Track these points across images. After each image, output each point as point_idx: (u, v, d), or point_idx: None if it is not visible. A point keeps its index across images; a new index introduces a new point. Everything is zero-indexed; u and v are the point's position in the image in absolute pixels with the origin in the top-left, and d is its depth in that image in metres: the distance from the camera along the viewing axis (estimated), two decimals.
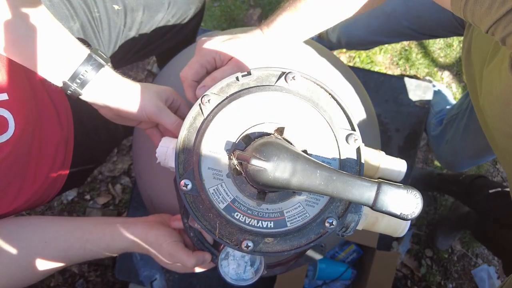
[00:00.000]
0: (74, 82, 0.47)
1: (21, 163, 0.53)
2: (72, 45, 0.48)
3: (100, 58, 0.49)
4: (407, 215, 0.29)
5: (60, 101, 0.61)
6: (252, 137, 0.37)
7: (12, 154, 0.50)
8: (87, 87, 0.48)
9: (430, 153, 1.49)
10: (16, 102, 0.50)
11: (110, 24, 0.70)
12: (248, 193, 0.36)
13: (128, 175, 1.43)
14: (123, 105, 0.51)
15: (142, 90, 0.51)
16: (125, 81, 0.51)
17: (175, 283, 1.09)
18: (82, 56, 0.47)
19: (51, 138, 0.59)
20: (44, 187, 0.59)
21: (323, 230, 0.37)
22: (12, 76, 0.50)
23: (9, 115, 0.49)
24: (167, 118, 0.51)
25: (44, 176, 0.58)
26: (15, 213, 0.55)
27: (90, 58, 0.48)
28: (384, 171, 0.52)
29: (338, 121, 0.38)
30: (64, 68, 0.47)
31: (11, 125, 0.49)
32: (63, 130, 0.61)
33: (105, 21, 0.69)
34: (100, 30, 0.69)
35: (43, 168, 0.58)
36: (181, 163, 0.38)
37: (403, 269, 1.42)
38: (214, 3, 1.55)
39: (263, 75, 0.39)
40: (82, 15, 0.65)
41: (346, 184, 0.30)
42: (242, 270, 0.45)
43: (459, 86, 1.53)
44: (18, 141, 0.51)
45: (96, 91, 0.49)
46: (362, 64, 1.52)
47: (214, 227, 0.37)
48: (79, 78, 0.47)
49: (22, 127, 0.51)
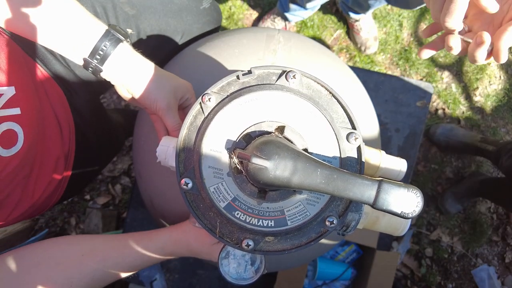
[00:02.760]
0: (94, 58, 0.48)
1: (23, 175, 0.53)
2: (90, 21, 0.48)
3: (118, 33, 0.49)
4: (408, 213, 0.29)
5: (64, 116, 0.62)
6: (252, 135, 0.37)
7: (17, 167, 0.50)
8: (107, 63, 0.48)
9: (430, 152, 1.50)
10: (27, 117, 0.51)
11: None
12: (249, 192, 0.36)
13: (128, 175, 1.43)
14: (138, 92, 0.51)
15: (161, 82, 0.51)
16: (145, 63, 0.51)
17: (175, 283, 1.09)
18: (100, 31, 0.48)
19: (53, 153, 0.59)
20: (42, 200, 0.59)
21: (323, 229, 0.37)
22: (25, 91, 0.51)
23: (20, 129, 0.50)
24: (171, 118, 0.51)
25: (43, 189, 0.58)
26: (8, 224, 0.55)
27: (109, 33, 0.48)
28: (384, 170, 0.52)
29: (338, 119, 0.38)
30: (85, 45, 0.47)
31: (20, 139, 0.50)
32: (64, 145, 0.62)
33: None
34: None
35: (42, 182, 0.58)
36: (181, 162, 0.38)
37: (403, 269, 1.42)
38: None
39: (264, 73, 0.39)
40: None
41: (347, 183, 0.30)
42: (242, 269, 0.45)
43: (459, 86, 1.53)
44: (25, 155, 0.51)
45: (115, 68, 0.49)
46: (362, 64, 1.52)
47: (215, 226, 0.37)
48: (99, 53, 0.47)
49: (30, 142, 0.51)
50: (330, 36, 1.54)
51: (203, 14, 0.74)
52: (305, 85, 0.39)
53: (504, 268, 1.45)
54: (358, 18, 1.40)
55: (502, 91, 1.53)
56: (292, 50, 0.64)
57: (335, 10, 1.53)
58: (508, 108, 1.53)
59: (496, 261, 1.46)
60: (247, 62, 0.61)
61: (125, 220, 1.14)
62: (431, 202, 1.48)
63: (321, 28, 1.54)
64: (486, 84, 1.53)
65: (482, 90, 1.53)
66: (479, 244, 1.46)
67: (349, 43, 1.53)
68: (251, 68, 0.38)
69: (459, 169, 1.50)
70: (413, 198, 0.29)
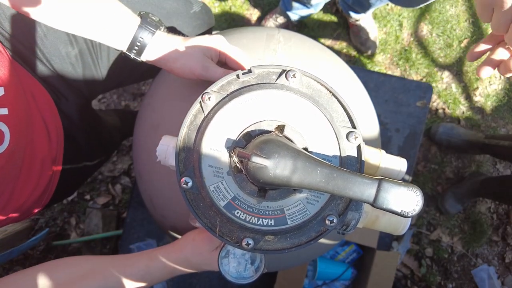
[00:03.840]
0: (132, 52, 0.51)
1: (10, 178, 0.53)
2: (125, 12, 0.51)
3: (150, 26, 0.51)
4: (408, 212, 0.29)
5: (51, 120, 0.62)
6: (252, 134, 0.37)
7: (3, 168, 0.50)
8: (143, 55, 0.52)
9: (430, 152, 1.50)
10: (14, 118, 0.51)
11: (110, 51, 0.71)
12: (249, 191, 0.36)
13: (128, 175, 1.43)
14: (175, 69, 0.52)
15: (190, 51, 0.52)
16: (173, 42, 0.52)
17: (175, 283, 1.09)
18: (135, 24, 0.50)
19: (40, 155, 0.59)
20: (29, 204, 0.59)
21: (323, 228, 0.37)
22: (13, 92, 0.51)
23: (6, 129, 0.50)
24: (214, 74, 0.51)
25: (29, 193, 0.58)
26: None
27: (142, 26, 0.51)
28: (384, 170, 0.52)
29: (338, 118, 0.38)
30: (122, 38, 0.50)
31: (6, 139, 0.50)
32: (51, 149, 0.62)
33: (104, 48, 0.70)
34: (99, 56, 0.70)
35: (29, 185, 0.58)
36: (181, 161, 0.38)
37: (403, 269, 1.42)
38: (214, 3, 1.55)
39: (264, 72, 0.39)
40: (81, 42, 0.66)
41: (347, 182, 0.30)
42: (242, 268, 0.45)
43: (459, 86, 1.53)
44: (11, 156, 0.51)
45: (150, 57, 0.52)
46: (362, 64, 1.52)
47: (215, 225, 0.37)
48: (135, 48, 0.51)
49: (15, 143, 0.51)
50: (330, 36, 1.54)
51: (193, 18, 0.74)
52: (305, 84, 0.39)
53: (504, 268, 1.45)
54: (358, 18, 1.40)
55: (502, 91, 1.53)
56: (292, 49, 0.64)
57: (335, 10, 1.53)
58: (508, 108, 1.53)
59: (496, 261, 1.46)
60: None
61: (125, 220, 1.14)
62: (431, 202, 1.48)
63: (321, 28, 1.54)
64: (486, 84, 1.53)
65: (482, 90, 1.53)
66: (479, 244, 1.46)
67: (349, 43, 1.54)
68: (251, 67, 0.38)
69: (459, 169, 1.50)
70: (413, 197, 0.29)
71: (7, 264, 1.34)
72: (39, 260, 1.37)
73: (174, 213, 0.65)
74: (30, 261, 1.36)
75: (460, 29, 1.55)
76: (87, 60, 0.68)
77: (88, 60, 0.68)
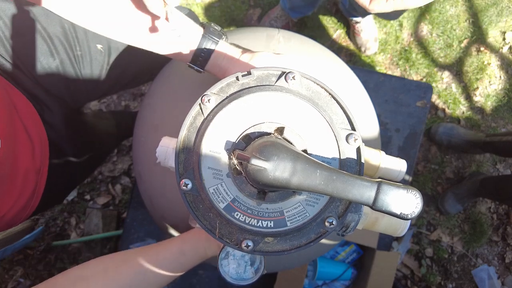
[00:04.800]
0: (196, 64, 0.52)
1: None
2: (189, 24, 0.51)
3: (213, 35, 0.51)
4: (407, 214, 0.29)
5: (35, 131, 0.61)
6: (252, 136, 0.37)
7: None
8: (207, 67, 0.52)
9: (430, 152, 1.50)
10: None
11: (92, 62, 0.71)
12: (248, 193, 0.36)
13: (128, 175, 1.43)
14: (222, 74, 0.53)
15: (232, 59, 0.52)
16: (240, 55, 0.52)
17: (175, 283, 1.09)
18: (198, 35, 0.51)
19: (23, 166, 0.59)
20: (12, 214, 0.58)
21: (323, 229, 0.37)
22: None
23: None
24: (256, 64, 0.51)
25: (11, 204, 0.58)
26: None
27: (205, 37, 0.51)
28: (384, 171, 0.52)
29: (338, 120, 0.38)
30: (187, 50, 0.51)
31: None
32: (35, 160, 0.61)
33: (87, 59, 0.70)
34: (82, 67, 0.70)
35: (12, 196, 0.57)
36: (181, 163, 0.38)
37: (403, 269, 1.42)
38: (214, 3, 1.55)
39: (263, 74, 0.39)
40: (62, 52, 0.66)
41: (346, 184, 0.30)
42: (242, 270, 0.45)
43: (459, 86, 1.53)
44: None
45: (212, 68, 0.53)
46: (362, 64, 1.52)
47: (214, 226, 0.37)
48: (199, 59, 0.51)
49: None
50: (330, 36, 1.54)
51: None
52: (304, 86, 0.39)
53: (504, 268, 1.45)
54: (359, 20, 1.40)
55: (502, 91, 1.53)
56: (292, 50, 0.64)
57: (335, 10, 1.53)
58: (508, 108, 1.53)
59: (496, 261, 1.46)
60: None
61: (125, 220, 1.14)
62: (431, 202, 1.48)
63: (321, 28, 1.54)
64: (486, 84, 1.53)
65: (482, 90, 1.53)
66: (479, 244, 1.46)
67: (349, 43, 1.53)
68: (250, 69, 0.38)
69: (459, 169, 1.50)
70: (412, 199, 0.29)
71: (7, 264, 1.35)
72: (39, 260, 1.37)
73: (174, 213, 0.65)
74: (30, 261, 1.36)
75: (460, 29, 1.55)
76: (69, 71, 0.68)
77: (70, 70, 0.68)
